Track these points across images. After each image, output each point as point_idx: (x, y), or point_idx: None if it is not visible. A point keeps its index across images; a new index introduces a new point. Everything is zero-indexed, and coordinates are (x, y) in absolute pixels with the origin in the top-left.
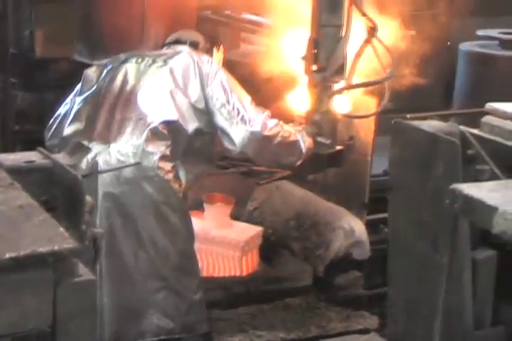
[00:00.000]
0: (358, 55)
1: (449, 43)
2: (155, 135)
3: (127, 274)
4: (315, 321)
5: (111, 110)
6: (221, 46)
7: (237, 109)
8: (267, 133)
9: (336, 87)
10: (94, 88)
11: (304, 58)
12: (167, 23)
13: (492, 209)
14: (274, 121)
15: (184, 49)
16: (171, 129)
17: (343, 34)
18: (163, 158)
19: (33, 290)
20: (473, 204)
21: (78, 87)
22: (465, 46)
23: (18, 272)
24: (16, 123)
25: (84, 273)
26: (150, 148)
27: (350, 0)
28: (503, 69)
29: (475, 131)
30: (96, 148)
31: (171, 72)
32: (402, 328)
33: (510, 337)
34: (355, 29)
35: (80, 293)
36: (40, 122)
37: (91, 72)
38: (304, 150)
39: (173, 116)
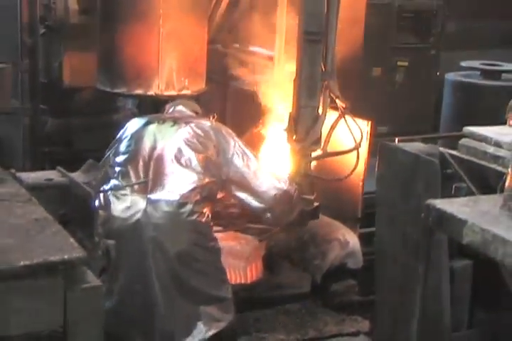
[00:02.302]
0: (332, 128)
1: (438, 73)
2: (187, 190)
3: (176, 295)
4: (312, 324)
5: (145, 166)
6: (215, 116)
7: (266, 170)
8: (292, 191)
9: (314, 154)
10: (125, 148)
11: (285, 130)
12: (181, 55)
13: (462, 222)
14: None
15: (189, 111)
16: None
17: (320, 112)
18: (196, 203)
19: (45, 295)
20: (445, 218)
21: (114, 146)
22: (450, 76)
23: (31, 278)
24: (46, 146)
25: (92, 280)
26: (184, 199)
27: (325, 86)
28: (484, 97)
29: (453, 152)
30: (134, 199)
31: (193, 130)
32: (387, 331)
33: (485, 339)
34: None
35: (88, 297)
36: (67, 145)
37: (122, 135)
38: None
39: (200, 177)
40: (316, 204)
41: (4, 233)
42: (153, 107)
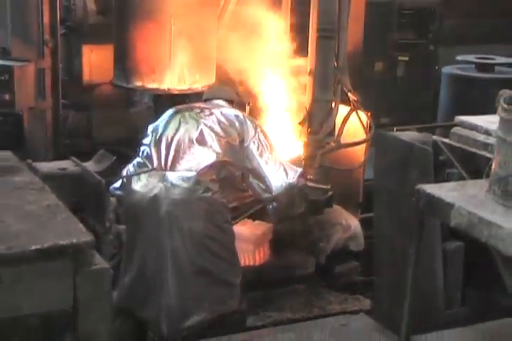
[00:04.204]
0: (345, 120)
1: (436, 67)
2: (204, 167)
3: (187, 273)
4: (317, 303)
5: (167, 147)
6: (250, 102)
7: (279, 162)
8: (300, 185)
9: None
10: (151, 132)
11: (300, 123)
12: (191, 51)
13: (449, 206)
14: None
15: (222, 103)
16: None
17: (333, 106)
18: (212, 181)
19: (55, 277)
20: (434, 202)
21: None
22: (447, 69)
23: (42, 261)
24: (67, 138)
25: (100, 262)
26: (201, 176)
27: (337, 80)
28: (478, 89)
29: (446, 140)
30: (153, 176)
31: (217, 118)
32: (385, 309)
33: (476, 316)
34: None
35: (95, 279)
36: (87, 136)
37: (155, 125)
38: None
39: (216, 156)
40: (330, 193)
41: (18, 219)
42: (169, 101)
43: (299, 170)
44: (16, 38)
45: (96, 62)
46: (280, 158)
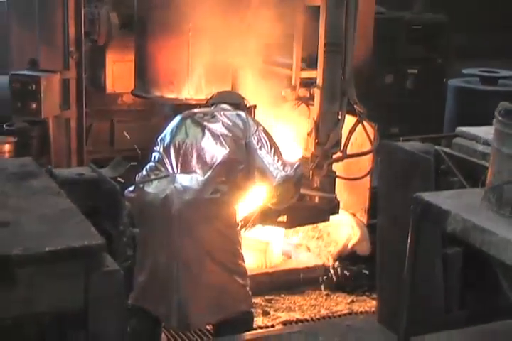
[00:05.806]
0: (351, 131)
1: (444, 80)
2: (213, 168)
3: (196, 276)
4: (325, 305)
5: (176, 152)
6: (256, 106)
7: (276, 156)
8: (295, 177)
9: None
10: (161, 139)
11: (309, 134)
12: (208, 64)
13: (446, 213)
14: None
15: (227, 107)
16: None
17: (340, 117)
18: (221, 182)
19: (68, 278)
20: (431, 209)
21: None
22: (453, 82)
23: (55, 263)
24: (90, 146)
25: (111, 264)
26: (210, 177)
27: (344, 93)
28: (482, 101)
29: (447, 149)
30: (165, 178)
31: (221, 120)
32: (388, 312)
33: (474, 319)
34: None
35: (107, 280)
36: (109, 144)
37: (164, 133)
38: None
39: (224, 156)
40: (336, 201)
41: (34, 221)
42: (186, 110)
43: (297, 163)
44: (44, 49)
45: (118, 73)
46: (278, 154)
